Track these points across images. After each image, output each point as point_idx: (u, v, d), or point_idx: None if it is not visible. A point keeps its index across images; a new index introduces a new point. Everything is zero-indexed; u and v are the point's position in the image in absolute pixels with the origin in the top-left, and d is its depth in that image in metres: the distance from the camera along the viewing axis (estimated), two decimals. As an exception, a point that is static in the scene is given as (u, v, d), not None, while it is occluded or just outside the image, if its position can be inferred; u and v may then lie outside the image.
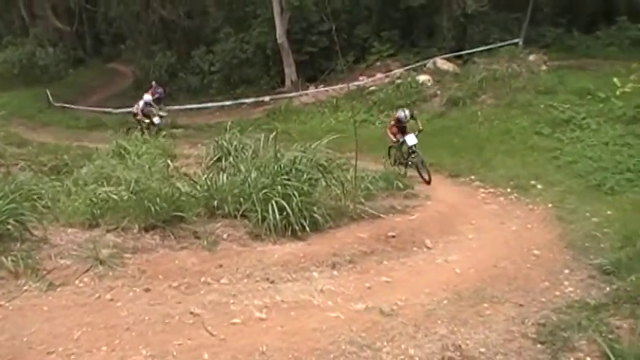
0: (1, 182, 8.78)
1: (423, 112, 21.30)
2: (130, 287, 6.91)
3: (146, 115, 21.35)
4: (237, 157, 11.67)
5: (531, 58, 23.79)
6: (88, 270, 7.13)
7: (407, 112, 15.38)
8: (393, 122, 15.51)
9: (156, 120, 20.86)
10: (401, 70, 26.20)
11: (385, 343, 5.95)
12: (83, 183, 10.12)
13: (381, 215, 10.61)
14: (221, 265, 7.85)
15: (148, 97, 22.22)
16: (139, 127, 21.08)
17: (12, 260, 6.88)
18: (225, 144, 12.22)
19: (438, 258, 8.98)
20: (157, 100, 25.71)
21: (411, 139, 14.73)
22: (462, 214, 11.57)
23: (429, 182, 14.09)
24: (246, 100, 28.57)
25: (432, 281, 7.90)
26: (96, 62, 45.10)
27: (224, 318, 6.34)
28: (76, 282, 6.90)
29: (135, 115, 21.85)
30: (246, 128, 15.18)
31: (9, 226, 7.35)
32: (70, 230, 8.18)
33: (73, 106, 31.11)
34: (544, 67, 23.14)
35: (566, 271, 8.41)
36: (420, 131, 15.10)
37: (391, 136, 15.35)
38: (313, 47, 30.73)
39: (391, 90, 24.03)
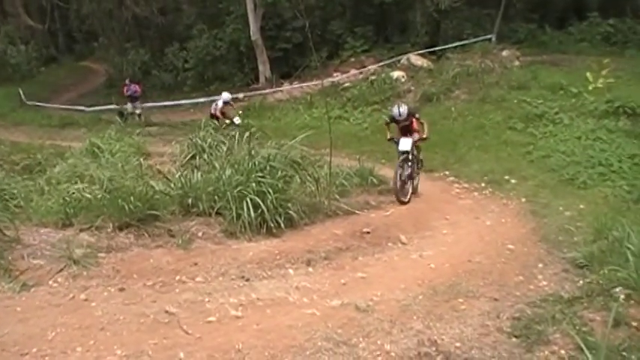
0: (-27, 182, 8.70)
1: (397, 108, 21.34)
2: (104, 287, 6.86)
3: (225, 115, 20.97)
4: (211, 154, 11.67)
5: (504, 53, 23.97)
6: (61, 270, 7.07)
7: (402, 108, 12.68)
8: (387, 119, 13.38)
9: (236, 120, 20.37)
10: (375, 66, 26.24)
11: (361, 339, 5.95)
12: (56, 182, 10.05)
13: (356, 211, 10.66)
14: (196, 264, 7.82)
15: (226, 95, 21.65)
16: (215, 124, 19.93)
17: (-16, 261, 6.82)
18: (199, 141, 12.19)
19: (413, 253, 9.00)
20: (132, 98, 25.59)
21: (403, 144, 12.45)
22: (436, 209, 11.63)
23: (403, 202, 11.90)
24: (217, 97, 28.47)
25: (407, 277, 7.91)
26: (68, 60, 44.85)
27: (199, 316, 6.31)
28: (50, 282, 6.83)
29: (213, 115, 21.40)
30: (220, 125, 15.11)
31: (-20, 227, 7.28)
32: (43, 230, 8.10)
33: (45, 105, 30.82)
34: (517, 63, 23.33)
35: (540, 265, 8.47)
36: (421, 139, 12.85)
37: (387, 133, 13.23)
38: (287, 44, 30.79)
39: (365, 86, 24.03)
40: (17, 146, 18.55)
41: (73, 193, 8.91)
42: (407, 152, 12.33)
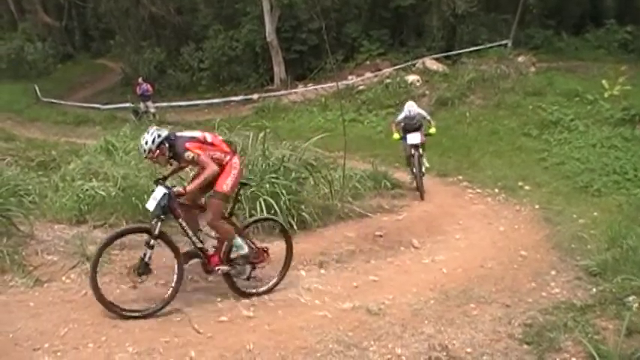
0: (-12, 177, 8.72)
1: (411, 111, 21.33)
2: (116, 284, 6.88)
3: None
4: (225, 154, 11.64)
5: (520, 59, 23.93)
6: (74, 266, 7.10)
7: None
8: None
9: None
10: (390, 69, 26.26)
11: (372, 343, 5.95)
12: (71, 179, 10.04)
13: (369, 214, 10.64)
14: (208, 263, 7.83)
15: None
16: None
17: (-2, 255, 6.85)
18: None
19: (426, 258, 9.00)
20: (144, 97, 25.65)
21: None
22: (449, 214, 11.60)
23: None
24: (235, 98, 28.59)
25: (419, 281, 7.91)
26: (84, 58, 44.87)
27: (211, 316, 6.32)
28: (63, 278, 6.87)
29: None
30: (234, 126, 15.12)
31: (-5, 222, 7.32)
32: (57, 226, 8.14)
33: (61, 102, 31.02)
34: (533, 69, 23.28)
35: (553, 272, 8.44)
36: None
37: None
38: (302, 45, 30.77)
39: (380, 89, 24.04)
40: (32, 142, 18.68)
41: (87, 190, 8.91)
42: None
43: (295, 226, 9.11)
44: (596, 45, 26.92)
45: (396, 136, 13.51)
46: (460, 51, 26.00)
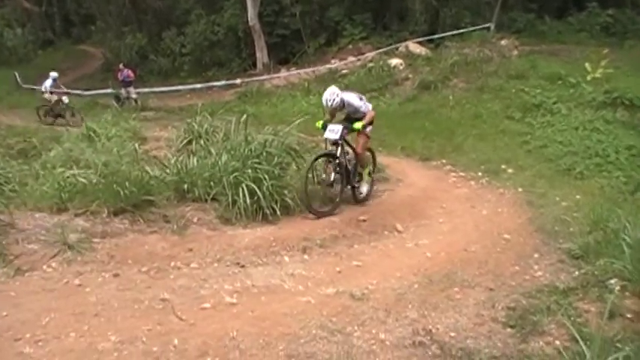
0: (-33, 166, 8.66)
1: (395, 95, 21.47)
2: (98, 272, 6.84)
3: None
4: (207, 140, 11.58)
5: (503, 43, 23.99)
6: (56, 255, 7.05)
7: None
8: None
9: (65, 99, 21.70)
10: (373, 53, 26.25)
11: (356, 328, 5.94)
12: (52, 166, 9.97)
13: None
14: (191, 250, 7.80)
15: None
16: None
17: (-22, 245, 6.80)
18: (195, 127, 12.12)
19: (409, 242, 8.98)
20: (126, 83, 25.52)
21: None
22: (432, 197, 11.58)
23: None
24: (217, 83, 28.46)
25: (403, 265, 7.90)
26: (65, 44, 44.71)
27: (194, 303, 6.29)
28: (44, 267, 6.82)
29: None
30: (217, 111, 15.03)
31: (-25, 211, 7.25)
32: (37, 215, 8.06)
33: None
34: (515, 52, 23.34)
35: (536, 255, 8.45)
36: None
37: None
38: (285, 30, 30.74)
39: (363, 73, 24.04)
40: (13, 130, 18.50)
41: (69, 177, 8.84)
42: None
43: (278, 211, 9.11)
44: (578, 28, 27.05)
45: (319, 123, 10.49)
46: (443, 34, 25.99)
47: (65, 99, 23.19)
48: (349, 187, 10.57)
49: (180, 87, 28.89)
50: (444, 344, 5.72)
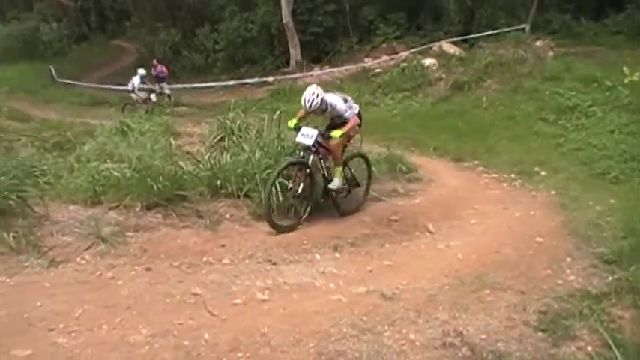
0: (4, 158, 8.76)
1: (428, 95, 21.29)
2: (131, 265, 6.91)
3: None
4: (240, 136, 11.60)
5: (538, 44, 23.68)
6: (89, 247, 7.14)
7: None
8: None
9: (153, 97, 21.48)
10: (406, 52, 26.10)
11: (386, 327, 5.93)
12: (86, 160, 10.06)
13: (384, 198, 10.64)
14: (223, 245, 7.86)
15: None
16: None
17: (13, 236, 6.88)
18: (228, 123, 12.15)
19: (440, 243, 8.94)
20: (159, 79, 25.65)
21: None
22: (464, 199, 11.52)
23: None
24: (250, 80, 28.54)
25: (434, 266, 7.87)
26: (100, 39, 45.02)
27: (225, 298, 6.33)
28: (78, 259, 6.90)
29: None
30: (249, 108, 15.08)
31: (11, 202, 7.33)
32: (71, 207, 8.16)
33: (76, 82, 31.09)
34: (550, 54, 23.02)
35: (569, 259, 8.36)
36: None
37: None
38: (319, 28, 30.67)
39: (396, 73, 23.88)
40: (48, 123, 18.70)
41: (103, 171, 8.93)
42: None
43: (309, 209, 9.11)
44: (615, 30, 26.59)
45: (291, 123, 9.53)
46: (478, 35, 25.77)
47: (153, 97, 23.01)
48: (323, 199, 9.61)
49: (213, 83, 29.05)
50: (475, 346, 5.70)
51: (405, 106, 20.57)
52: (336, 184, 9.48)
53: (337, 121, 9.49)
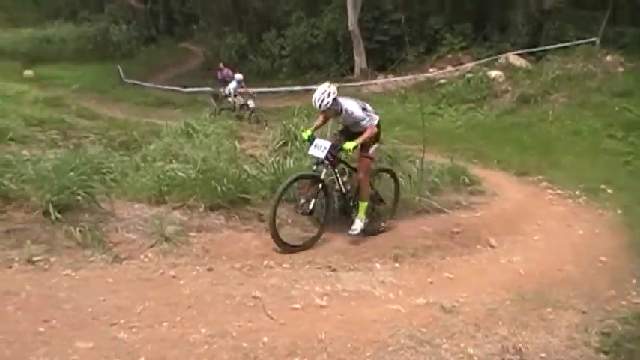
0: (73, 154, 8.93)
1: (493, 107, 21.12)
2: (193, 265, 6.99)
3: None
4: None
5: (608, 58, 23.22)
6: (153, 245, 7.23)
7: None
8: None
9: (250, 103, 21.64)
10: (472, 64, 25.92)
11: (444, 340, 5.88)
12: (151, 159, 10.22)
13: (446, 210, 10.54)
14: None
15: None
16: None
17: (80, 231, 7.00)
18: (292, 128, 12.20)
19: (502, 257, 8.85)
20: (225, 82, 25.84)
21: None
22: (528, 214, 11.36)
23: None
24: (315, 86, 28.50)
25: (495, 280, 7.78)
26: (168, 41, 45.77)
27: (284, 302, 6.35)
28: (141, 256, 7.00)
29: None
30: (313, 114, 15.15)
31: (79, 198, 7.47)
32: (136, 205, 8.28)
33: (143, 83, 31.68)
34: (620, 69, 22.57)
35: (634, 281, 8.18)
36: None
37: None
38: (384, 36, 30.65)
39: (461, 84, 23.77)
40: (115, 122, 19.08)
41: (168, 171, 9.06)
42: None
43: (324, 229, 9.01)
44: (688, 46, 25.98)
45: (305, 134, 8.90)
46: (546, 47, 25.39)
47: (251, 103, 23.10)
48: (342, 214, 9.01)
49: (278, 88, 29.20)
50: (534, 364, 5.62)
51: (469, 118, 20.43)
52: (357, 227, 8.67)
53: (353, 129, 8.91)
